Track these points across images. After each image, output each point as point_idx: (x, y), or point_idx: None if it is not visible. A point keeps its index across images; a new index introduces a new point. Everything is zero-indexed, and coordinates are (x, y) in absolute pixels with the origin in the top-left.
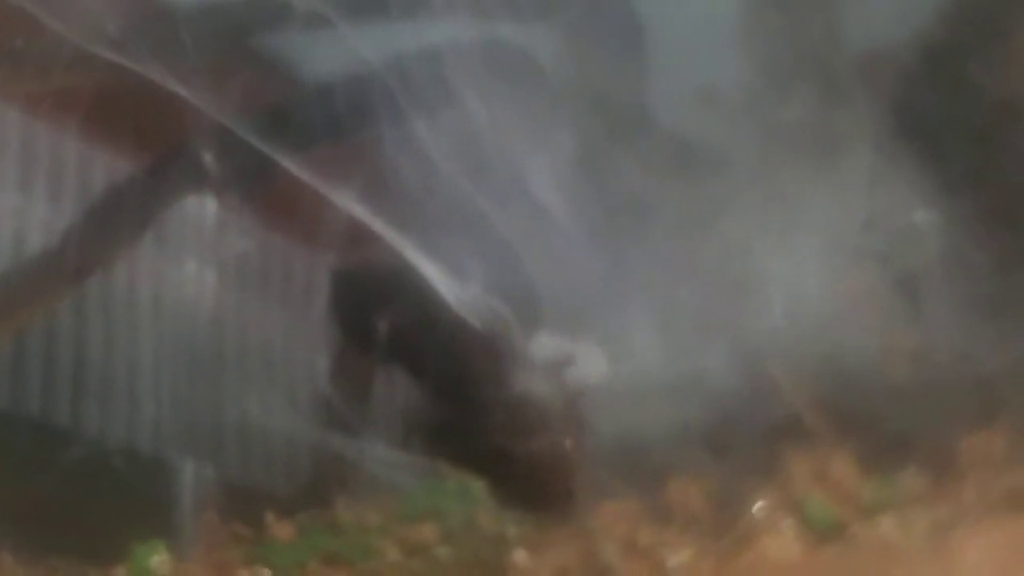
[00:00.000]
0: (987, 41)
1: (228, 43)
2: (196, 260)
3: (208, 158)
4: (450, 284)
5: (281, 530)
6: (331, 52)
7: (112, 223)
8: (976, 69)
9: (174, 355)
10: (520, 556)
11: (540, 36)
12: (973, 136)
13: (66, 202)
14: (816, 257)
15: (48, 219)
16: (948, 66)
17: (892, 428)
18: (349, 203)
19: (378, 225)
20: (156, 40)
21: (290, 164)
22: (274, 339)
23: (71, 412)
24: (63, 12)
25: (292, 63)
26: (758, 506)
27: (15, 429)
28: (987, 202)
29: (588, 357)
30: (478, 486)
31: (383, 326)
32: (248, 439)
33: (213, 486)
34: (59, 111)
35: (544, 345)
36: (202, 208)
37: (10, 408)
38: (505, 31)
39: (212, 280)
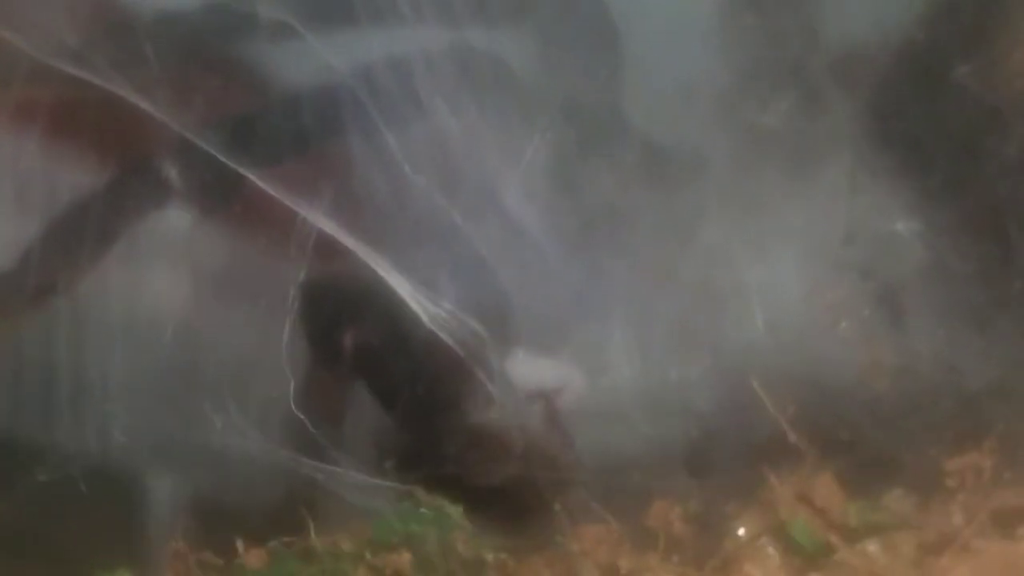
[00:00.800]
0: (970, 45)
1: (191, 54)
2: (164, 279)
3: (172, 172)
4: (422, 300)
5: (252, 558)
6: (298, 62)
7: (74, 241)
8: (959, 74)
9: (142, 377)
10: None
11: (511, 41)
12: (956, 142)
13: (27, 218)
14: (796, 269)
15: (9, 235)
16: (930, 71)
17: (877, 448)
18: (318, 217)
19: (347, 239)
20: (117, 51)
21: (257, 178)
22: (243, 359)
23: (37, 436)
24: (20, 24)
25: (258, 74)
26: (742, 530)
27: None
28: (970, 210)
29: (565, 375)
30: (454, 510)
31: (353, 344)
32: (218, 464)
33: (181, 512)
34: (19, 124)
35: (519, 363)
36: (169, 224)
37: None
38: (475, 37)
39: (180, 301)
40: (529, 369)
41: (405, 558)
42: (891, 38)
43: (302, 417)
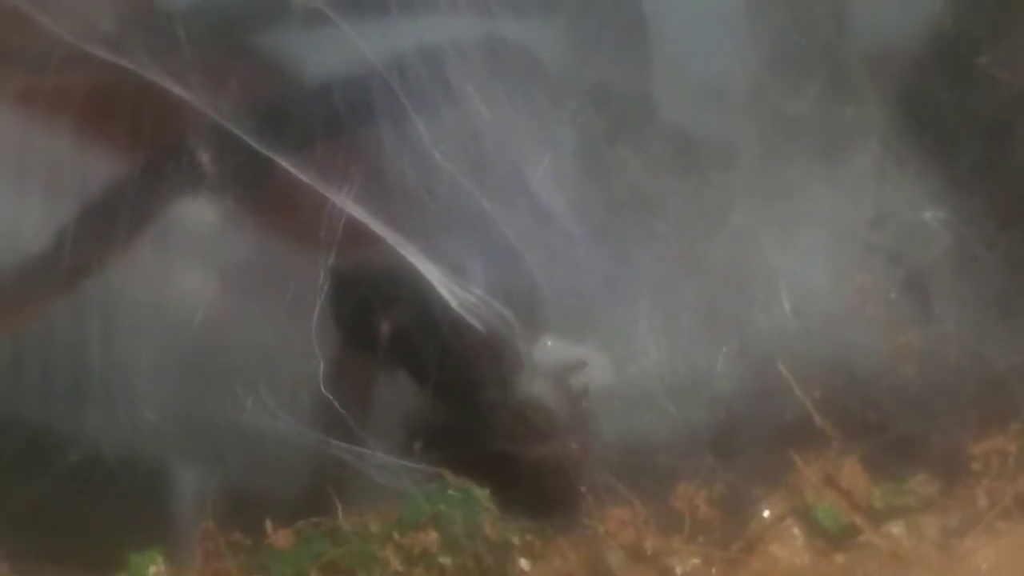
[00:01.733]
0: (997, 33)
1: (225, 40)
2: (195, 262)
3: (205, 157)
4: (451, 285)
5: (280, 538)
6: (330, 49)
7: (108, 223)
8: (986, 62)
9: (172, 360)
10: (524, 564)
11: (541, 30)
12: (984, 130)
13: (61, 202)
14: (824, 254)
15: (42, 219)
16: (957, 59)
17: (902, 432)
18: (348, 202)
19: (377, 225)
20: (152, 38)
21: (288, 163)
22: (273, 342)
23: (68, 419)
24: (57, 10)
25: (291, 61)
26: (767, 512)
27: (11, 435)
28: (997, 198)
29: (592, 360)
30: (481, 493)
31: (382, 327)
32: (247, 445)
33: (211, 494)
34: (54, 110)
35: (548, 349)
36: (201, 208)
37: (6, 414)
38: (506, 26)
39: (211, 284)
40: (557, 354)
41: (432, 538)
42: (918, 26)
43: (331, 398)
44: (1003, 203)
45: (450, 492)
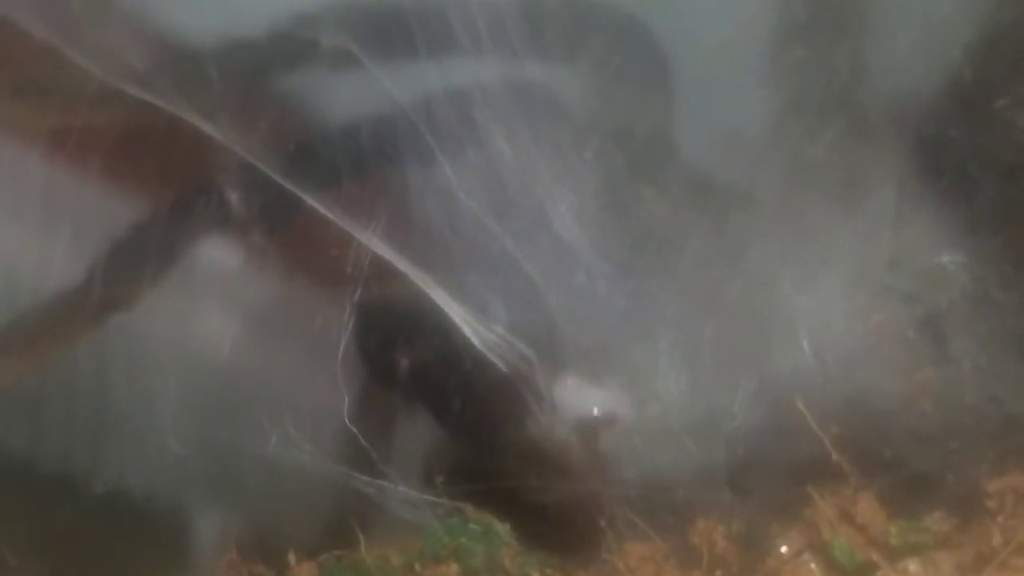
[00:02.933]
0: (1014, 78)
1: (255, 80)
2: (222, 298)
3: (234, 195)
4: (473, 323)
5: (303, 571)
6: (358, 90)
7: (137, 259)
8: (1002, 106)
9: (199, 392)
10: None
11: (565, 74)
12: (1000, 174)
13: (90, 237)
14: (841, 293)
15: (72, 255)
16: (975, 103)
17: (918, 469)
18: (373, 240)
19: (401, 262)
20: (183, 77)
21: (315, 201)
22: (299, 376)
23: (95, 450)
24: (89, 47)
25: (319, 100)
26: (784, 548)
27: (39, 466)
28: (1015, 241)
29: (612, 398)
30: (502, 527)
31: (406, 363)
32: (271, 477)
33: (235, 525)
34: (84, 146)
35: (568, 386)
36: (229, 244)
37: (34, 445)
38: (531, 70)
39: (238, 318)
40: (577, 391)
41: (453, 571)
42: (936, 70)
43: (356, 432)
44: (1019, 246)
45: (471, 526)
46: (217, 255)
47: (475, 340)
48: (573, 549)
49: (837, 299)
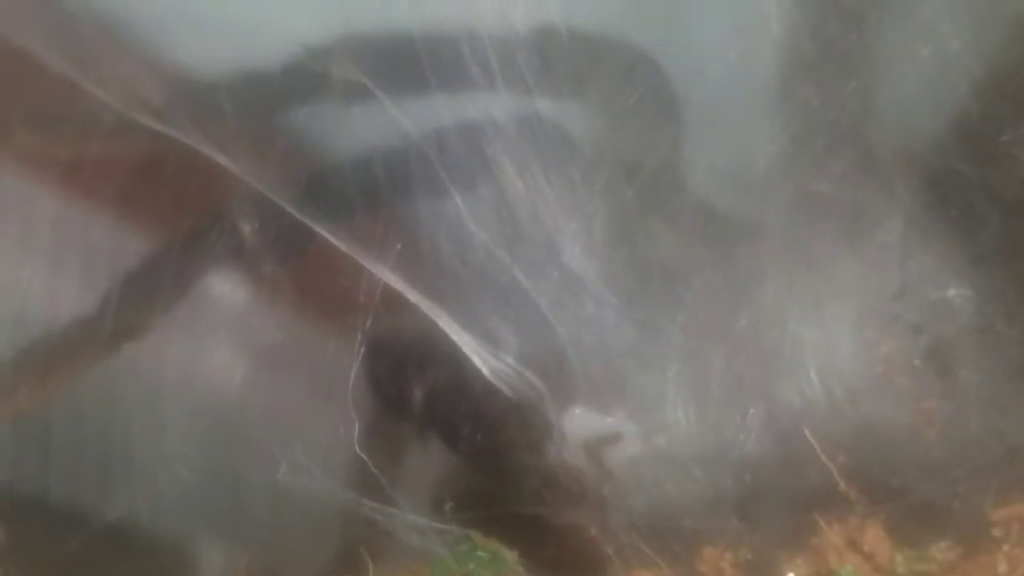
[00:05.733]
0: (1020, 113)
1: (268, 112)
2: (234, 326)
3: (246, 225)
4: (483, 353)
5: None
6: (370, 122)
7: (149, 289)
8: (1008, 141)
9: (210, 419)
10: None
11: (575, 108)
12: (1006, 209)
13: (104, 267)
14: (849, 325)
15: (86, 284)
16: (981, 138)
17: (924, 498)
18: (384, 271)
19: (412, 293)
20: (197, 108)
21: (327, 232)
22: (310, 403)
23: (104, 478)
24: (104, 79)
25: (332, 132)
26: None
27: (48, 494)
28: (1019, 276)
29: (621, 428)
30: (510, 555)
31: (418, 393)
32: (281, 503)
33: (245, 551)
34: (98, 176)
35: (577, 416)
36: (243, 273)
37: (43, 472)
38: (542, 104)
39: (249, 346)
40: (585, 420)
41: None
42: (942, 105)
43: (365, 459)
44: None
45: (479, 553)
46: (230, 285)
47: (485, 370)
48: None
49: (844, 329)
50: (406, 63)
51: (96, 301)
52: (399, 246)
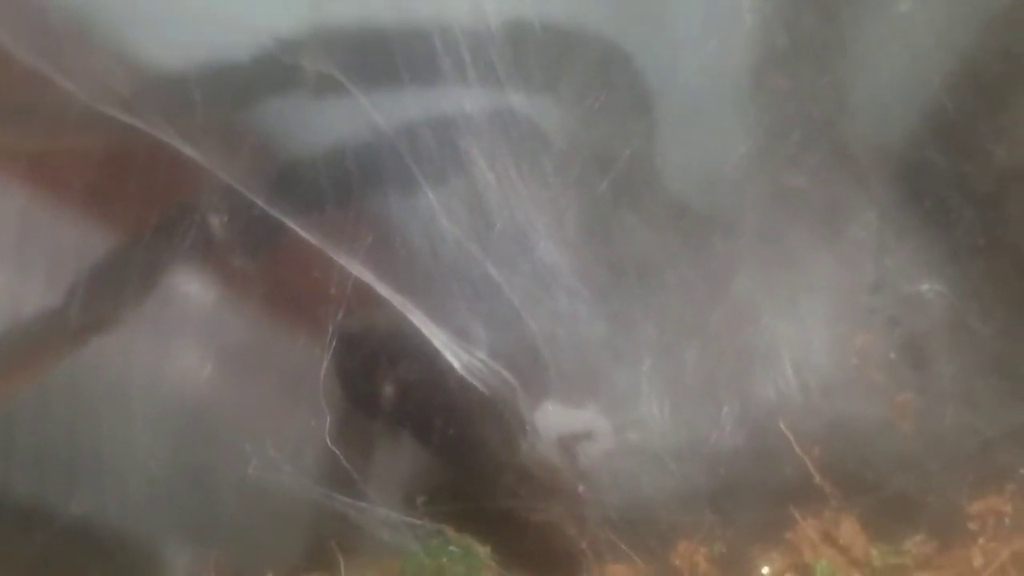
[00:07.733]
0: (995, 108)
1: (238, 104)
2: (203, 319)
3: (216, 218)
4: (455, 348)
5: None
6: (341, 115)
7: (118, 281)
8: (983, 136)
9: (179, 414)
10: None
11: (548, 102)
12: (979, 204)
13: (71, 260)
14: (824, 318)
15: (52, 277)
16: (956, 133)
17: (899, 491)
18: (356, 265)
19: (384, 288)
20: (166, 100)
21: (298, 226)
22: (281, 397)
23: (72, 469)
24: (74, 71)
25: (302, 125)
26: (766, 569)
27: (12, 490)
28: (993, 272)
29: (594, 421)
30: (482, 549)
31: (389, 387)
32: (251, 498)
33: (213, 548)
34: (67, 168)
35: (550, 410)
36: (212, 266)
37: (7, 469)
38: (514, 97)
39: (219, 339)
40: (558, 415)
41: None
42: (916, 101)
43: (337, 453)
44: (997, 277)
45: (451, 548)
46: (199, 278)
47: (457, 364)
48: (553, 571)
49: (819, 323)
50: (378, 56)
51: (63, 294)
52: (370, 239)
